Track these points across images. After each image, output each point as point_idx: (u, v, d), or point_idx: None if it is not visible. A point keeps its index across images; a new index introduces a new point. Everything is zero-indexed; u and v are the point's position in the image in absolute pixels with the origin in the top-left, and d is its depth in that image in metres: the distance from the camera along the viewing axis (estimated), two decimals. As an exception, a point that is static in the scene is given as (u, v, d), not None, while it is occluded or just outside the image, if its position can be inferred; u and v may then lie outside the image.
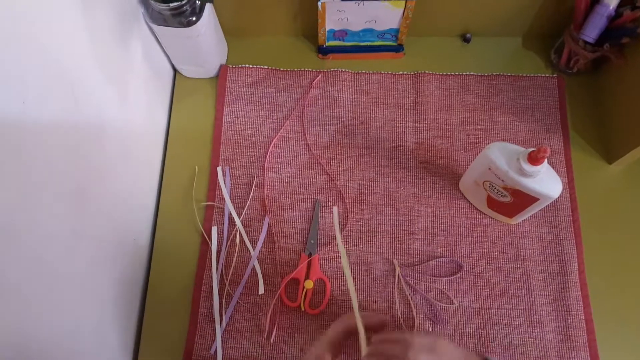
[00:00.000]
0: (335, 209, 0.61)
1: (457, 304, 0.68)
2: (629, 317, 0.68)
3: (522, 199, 0.62)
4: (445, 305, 0.68)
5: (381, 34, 0.80)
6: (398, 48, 0.82)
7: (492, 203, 0.68)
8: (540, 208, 0.64)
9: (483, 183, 0.65)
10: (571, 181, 0.73)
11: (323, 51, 0.82)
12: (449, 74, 0.80)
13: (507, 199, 0.64)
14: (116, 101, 0.63)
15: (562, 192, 0.72)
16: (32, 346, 0.47)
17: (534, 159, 0.56)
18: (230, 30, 0.81)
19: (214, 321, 0.67)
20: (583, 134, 0.77)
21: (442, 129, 0.77)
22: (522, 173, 0.58)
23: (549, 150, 0.54)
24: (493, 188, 0.64)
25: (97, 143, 0.58)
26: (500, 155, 0.60)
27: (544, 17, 0.78)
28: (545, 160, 0.57)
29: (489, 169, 0.61)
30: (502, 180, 0.61)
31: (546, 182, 0.59)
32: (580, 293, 0.68)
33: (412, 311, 0.68)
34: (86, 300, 0.57)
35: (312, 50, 0.83)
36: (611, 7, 0.68)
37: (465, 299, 0.68)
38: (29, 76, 0.45)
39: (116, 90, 0.63)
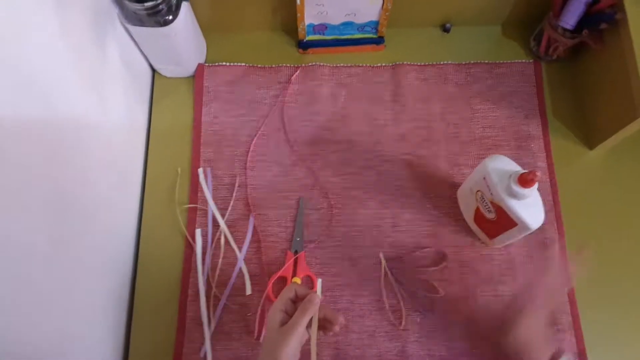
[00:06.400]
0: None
1: (443, 294, 0.69)
2: (612, 297, 0.69)
3: (504, 220, 0.61)
4: (432, 295, 0.69)
5: (361, 27, 0.79)
6: (379, 40, 0.81)
7: (478, 217, 0.68)
8: (518, 237, 0.63)
9: (476, 192, 0.65)
10: (551, 166, 0.74)
11: (303, 46, 0.81)
12: (427, 64, 0.80)
13: (492, 216, 0.63)
14: (94, 104, 0.62)
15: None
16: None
17: (523, 181, 0.56)
18: (209, 27, 0.80)
19: (202, 324, 0.67)
20: (564, 120, 0.78)
21: (423, 119, 0.77)
22: (510, 192, 0.58)
23: (539, 174, 0.54)
24: (483, 200, 0.64)
25: (75, 147, 0.57)
26: (496, 168, 0.60)
27: (522, 5, 0.78)
28: (535, 186, 0.56)
29: (484, 178, 0.61)
30: (492, 194, 0.61)
31: (529, 209, 0.59)
32: (563, 276, 0.69)
33: (399, 303, 0.68)
34: (72, 308, 0.57)
35: (292, 45, 0.83)
36: (589, -6, 0.68)
37: (452, 288, 0.69)
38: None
39: (93, 93, 0.62)
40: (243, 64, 0.80)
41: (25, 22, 0.48)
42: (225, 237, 0.71)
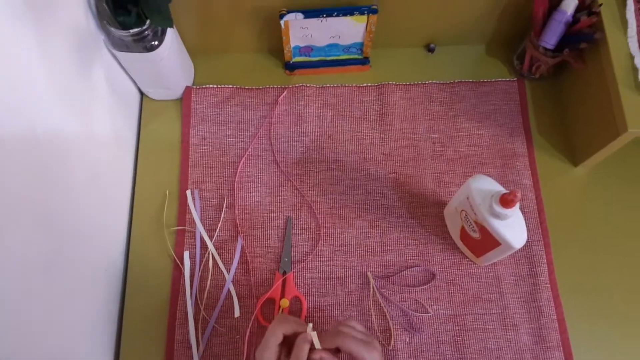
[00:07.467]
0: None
1: (432, 313, 0.69)
2: (600, 314, 0.69)
3: (488, 239, 0.62)
4: (421, 314, 0.69)
5: (346, 48, 0.81)
6: (364, 61, 0.82)
7: (464, 236, 0.68)
8: (503, 255, 0.64)
9: (460, 212, 0.65)
10: (536, 183, 0.75)
11: (290, 67, 0.82)
12: (412, 83, 0.81)
13: (477, 235, 0.64)
14: (81, 127, 0.62)
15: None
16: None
17: (504, 201, 0.56)
18: (196, 50, 0.81)
19: (191, 347, 0.67)
20: (548, 137, 0.78)
21: (409, 138, 0.78)
22: (492, 212, 0.58)
23: (519, 195, 0.55)
24: (467, 220, 0.64)
25: (60, 170, 0.57)
26: (479, 189, 0.60)
27: (505, 25, 0.80)
28: (517, 206, 0.57)
29: (467, 198, 0.62)
30: (475, 214, 0.61)
31: (511, 229, 0.59)
32: (551, 294, 0.69)
33: (388, 323, 0.68)
34: (58, 334, 0.56)
35: (279, 67, 0.84)
36: (568, 14, 0.69)
37: (440, 307, 0.69)
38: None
39: (80, 116, 0.62)
40: (230, 85, 0.81)
41: (5, 45, 0.48)
42: (214, 258, 0.71)
